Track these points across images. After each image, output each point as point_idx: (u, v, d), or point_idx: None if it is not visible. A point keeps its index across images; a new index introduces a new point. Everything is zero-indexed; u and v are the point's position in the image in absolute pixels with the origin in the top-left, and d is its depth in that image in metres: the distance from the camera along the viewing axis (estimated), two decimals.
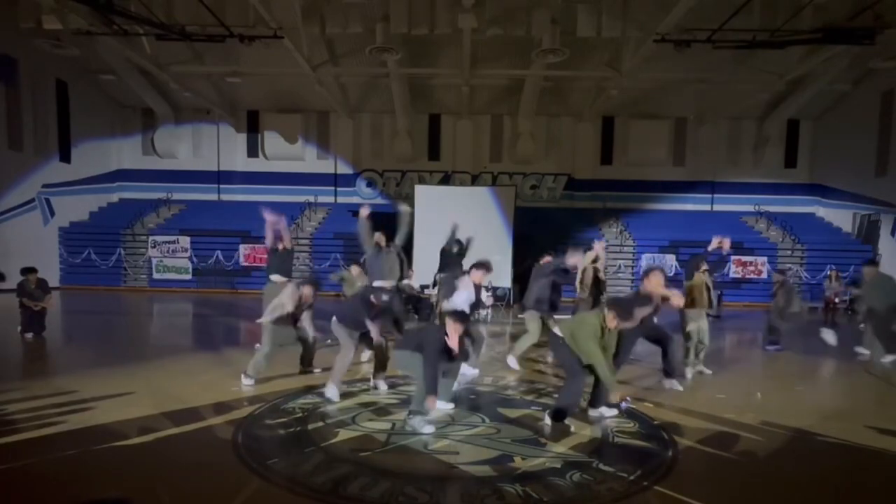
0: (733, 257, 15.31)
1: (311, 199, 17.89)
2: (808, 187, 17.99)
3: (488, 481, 3.01)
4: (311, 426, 3.91)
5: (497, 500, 2.80)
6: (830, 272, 12.63)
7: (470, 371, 5.64)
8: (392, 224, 6.50)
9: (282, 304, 5.10)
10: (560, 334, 4.11)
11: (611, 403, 4.13)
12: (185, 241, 15.96)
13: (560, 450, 3.54)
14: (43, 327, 7.42)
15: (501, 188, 15.79)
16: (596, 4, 12.06)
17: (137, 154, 18.59)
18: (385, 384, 5.02)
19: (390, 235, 6.44)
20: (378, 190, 18.41)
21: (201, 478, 3.05)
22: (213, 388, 4.85)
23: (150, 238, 15.98)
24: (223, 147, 18.49)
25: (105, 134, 17.80)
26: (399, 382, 5.12)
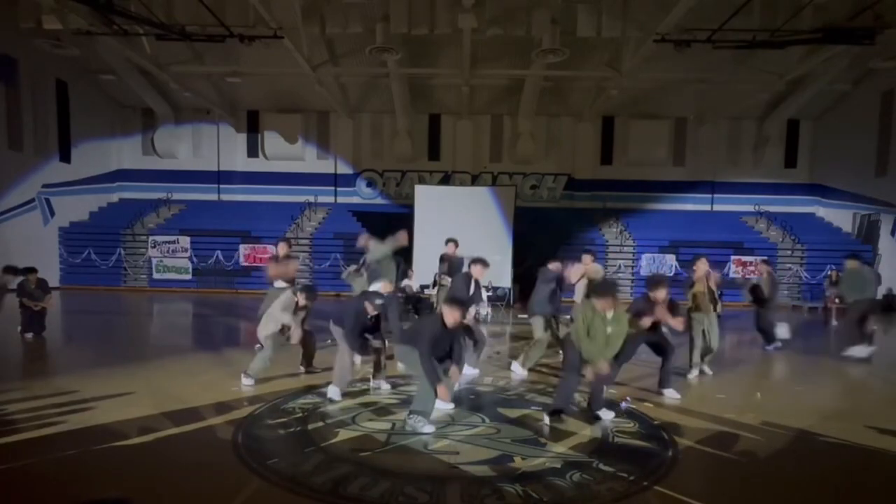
0: (733, 257, 15.32)
1: (311, 199, 17.88)
2: (808, 187, 17.98)
3: (488, 481, 3.02)
4: (311, 426, 3.91)
5: (497, 500, 2.80)
6: (831, 272, 12.64)
7: (470, 371, 5.67)
8: (391, 224, 6.51)
9: (276, 319, 5.15)
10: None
11: (610, 406, 4.29)
12: (185, 241, 15.95)
13: (560, 450, 3.54)
14: (43, 327, 7.44)
15: (501, 188, 15.78)
16: (596, 4, 12.04)
17: (137, 154, 18.57)
18: (387, 384, 5.04)
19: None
20: (378, 190, 18.41)
21: (201, 478, 3.05)
22: (213, 388, 4.85)
23: (150, 238, 15.96)
24: (223, 147, 18.48)
25: (105, 134, 17.78)
26: (400, 382, 5.13)
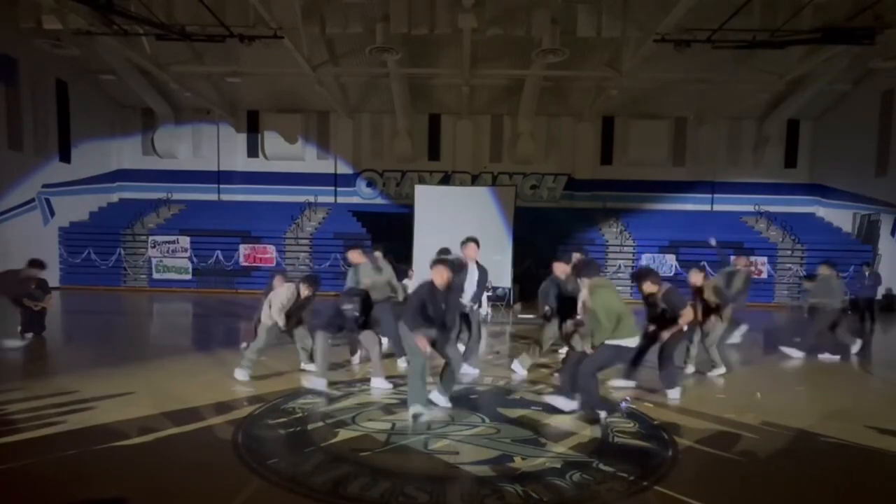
0: (733, 257, 15.25)
1: (311, 199, 17.87)
2: (808, 187, 17.97)
3: (488, 481, 3.02)
4: (311, 426, 3.92)
5: (497, 500, 2.80)
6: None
7: (470, 371, 5.66)
8: (391, 224, 6.53)
9: (271, 316, 5.28)
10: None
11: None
12: (185, 241, 15.94)
13: (560, 450, 3.54)
14: (43, 327, 7.43)
15: (501, 188, 15.77)
16: (596, 4, 12.04)
17: (137, 154, 18.56)
18: (387, 383, 5.06)
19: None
20: (378, 190, 18.41)
21: (201, 478, 3.05)
22: (213, 388, 4.86)
23: (150, 238, 15.96)
24: (223, 147, 18.47)
25: (105, 134, 17.77)
26: (400, 382, 5.12)
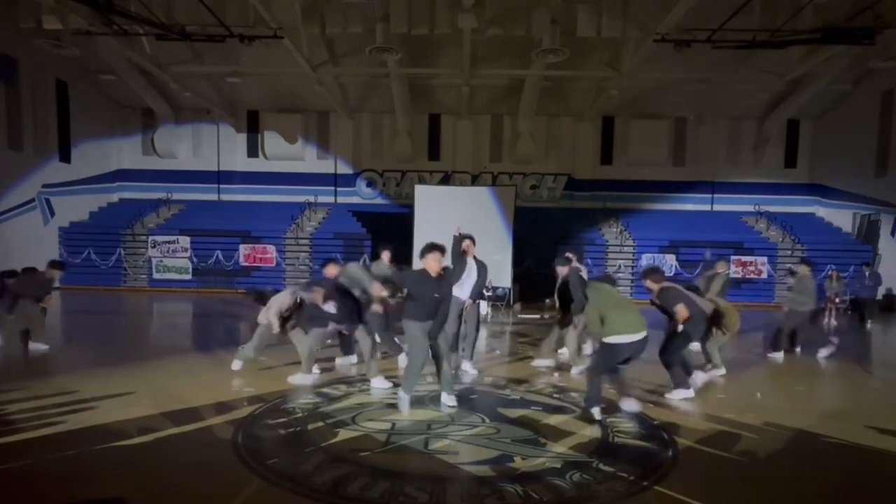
0: (733, 257, 15.29)
1: (311, 199, 17.87)
2: (808, 187, 17.97)
3: (488, 481, 3.02)
4: (311, 426, 3.91)
5: (497, 500, 2.80)
6: (831, 272, 12.61)
7: (470, 371, 5.67)
8: (391, 224, 6.54)
9: (269, 322, 5.33)
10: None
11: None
12: (185, 241, 15.94)
13: (560, 450, 3.54)
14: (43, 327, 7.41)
15: (501, 188, 15.75)
16: (596, 4, 12.03)
17: (137, 154, 18.56)
18: (386, 382, 5.07)
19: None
20: (378, 190, 18.40)
21: (201, 478, 3.05)
22: (213, 388, 4.86)
23: (150, 238, 15.96)
24: (223, 147, 18.47)
25: (105, 134, 17.77)
26: (400, 382, 5.12)
